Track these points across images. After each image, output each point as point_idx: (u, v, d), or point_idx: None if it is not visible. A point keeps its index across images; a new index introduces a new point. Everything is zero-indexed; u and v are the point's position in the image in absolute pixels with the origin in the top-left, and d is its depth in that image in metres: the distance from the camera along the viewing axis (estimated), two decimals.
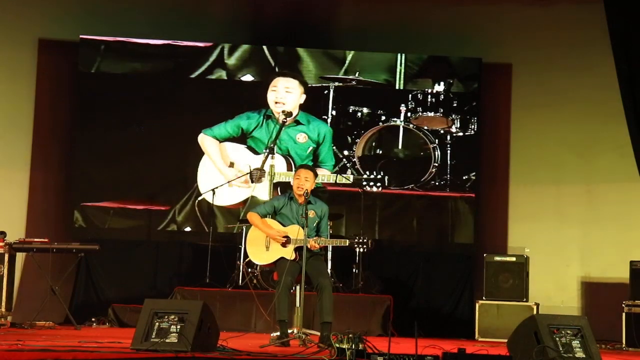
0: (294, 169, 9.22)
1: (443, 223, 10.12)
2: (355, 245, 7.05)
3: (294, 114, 9.76)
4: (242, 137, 9.93)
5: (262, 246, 7.09)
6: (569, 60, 10.21)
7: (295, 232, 6.94)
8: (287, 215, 7.11)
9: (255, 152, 9.85)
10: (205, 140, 9.93)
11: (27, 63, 10.19)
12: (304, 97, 9.88)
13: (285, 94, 9.82)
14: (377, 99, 10.18)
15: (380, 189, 9.06)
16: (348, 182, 9.30)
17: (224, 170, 9.81)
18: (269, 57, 10.20)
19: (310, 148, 9.84)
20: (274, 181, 8.91)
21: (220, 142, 9.92)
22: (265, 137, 9.82)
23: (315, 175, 7.25)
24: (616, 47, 8.87)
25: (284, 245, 7.01)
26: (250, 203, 8.81)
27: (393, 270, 10.24)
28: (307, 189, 7.00)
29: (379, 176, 9.01)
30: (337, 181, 9.29)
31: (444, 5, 10.41)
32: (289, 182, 8.91)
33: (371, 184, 9.02)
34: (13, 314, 8.69)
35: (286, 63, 10.17)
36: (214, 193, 9.41)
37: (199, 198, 9.82)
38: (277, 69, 10.12)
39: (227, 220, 9.86)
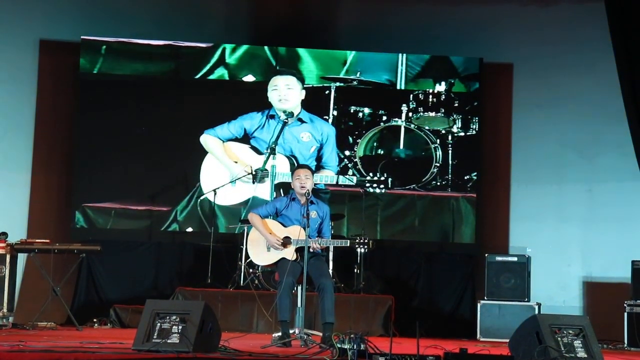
0: None
1: (444, 223, 10.11)
2: (356, 246, 7.05)
3: (296, 113, 9.81)
4: (245, 138, 9.95)
5: (263, 247, 7.09)
6: (570, 59, 10.21)
7: (297, 232, 6.93)
8: (288, 216, 7.11)
9: (259, 152, 9.85)
10: (208, 139, 9.94)
11: (29, 64, 10.20)
12: (303, 92, 9.95)
13: (288, 91, 9.88)
14: (379, 99, 10.19)
15: (383, 190, 9.15)
16: (351, 183, 9.36)
17: (230, 167, 9.79)
18: (271, 57, 10.21)
19: (314, 147, 9.84)
20: (277, 182, 8.91)
21: (224, 142, 9.93)
22: (268, 137, 9.83)
23: (313, 172, 7.28)
24: (617, 46, 8.87)
25: (284, 246, 7.01)
26: (252, 203, 8.80)
27: (394, 270, 10.23)
28: (308, 189, 7.01)
29: (382, 178, 9.13)
30: (340, 182, 9.33)
31: (445, 5, 10.40)
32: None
33: (374, 185, 9.11)
34: (15, 315, 8.69)
35: (287, 63, 10.18)
36: (215, 193, 9.42)
37: (201, 197, 9.82)
38: (278, 69, 10.14)
39: (228, 220, 9.86)
